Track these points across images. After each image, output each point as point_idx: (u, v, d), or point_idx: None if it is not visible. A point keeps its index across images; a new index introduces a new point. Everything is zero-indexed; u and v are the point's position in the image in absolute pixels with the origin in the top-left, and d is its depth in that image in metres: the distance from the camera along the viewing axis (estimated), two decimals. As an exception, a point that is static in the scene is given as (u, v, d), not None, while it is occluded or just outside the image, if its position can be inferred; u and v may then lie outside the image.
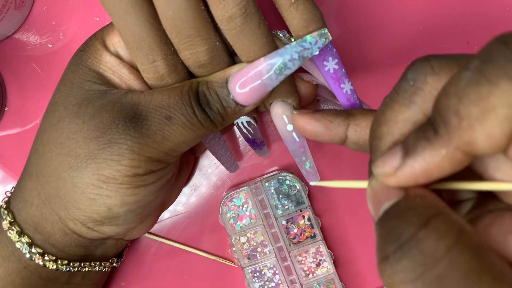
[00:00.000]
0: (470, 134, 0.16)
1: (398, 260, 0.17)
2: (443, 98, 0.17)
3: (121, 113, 0.26)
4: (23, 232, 0.30)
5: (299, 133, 0.29)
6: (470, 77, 0.16)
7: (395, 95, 0.20)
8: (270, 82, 0.26)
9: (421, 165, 0.18)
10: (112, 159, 0.26)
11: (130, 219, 0.29)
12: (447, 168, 0.18)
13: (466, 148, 0.17)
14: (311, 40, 0.26)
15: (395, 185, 0.19)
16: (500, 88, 0.16)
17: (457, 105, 0.17)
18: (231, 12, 0.25)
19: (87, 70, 0.28)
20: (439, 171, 0.18)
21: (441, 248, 0.16)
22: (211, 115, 0.27)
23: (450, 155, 0.17)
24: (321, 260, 0.39)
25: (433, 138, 0.18)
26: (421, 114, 0.20)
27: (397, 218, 0.18)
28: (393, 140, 0.20)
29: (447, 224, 0.16)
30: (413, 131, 0.19)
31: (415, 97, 0.20)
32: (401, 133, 0.20)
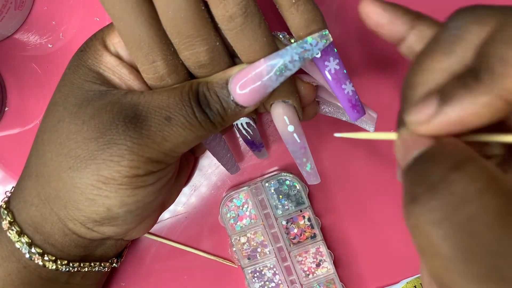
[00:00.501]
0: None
1: (427, 201, 0.16)
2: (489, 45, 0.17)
3: (121, 113, 0.26)
4: (23, 232, 0.30)
5: (300, 134, 0.29)
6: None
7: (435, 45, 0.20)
8: (270, 83, 0.26)
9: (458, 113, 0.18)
10: (111, 159, 0.26)
11: (129, 219, 0.29)
12: (485, 116, 0.17)
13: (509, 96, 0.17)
14: (311, 41, 0.26)
15: (428, 133, 0.19)
16: None
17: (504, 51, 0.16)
18: (231, 11, 0.25)
19: (87, 70, 0.28)
20: (476, 120, 0.17)
21: (472, 190, 0.16)
22: (211, 116, 0.27)
23: (490, 102, 0.17)
24: (321, 260, 0.39)
25: (474, 85, 0.17)
26: (460, 64, 0.19)
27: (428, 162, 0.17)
28: (428, 90, 0.20)
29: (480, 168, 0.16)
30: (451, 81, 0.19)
31: (456, 47, 0.19)
32: (437, 83, 0.20)
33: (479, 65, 0.17)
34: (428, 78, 0.20)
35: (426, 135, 0.19)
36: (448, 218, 0.16)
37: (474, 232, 0.16)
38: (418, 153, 0.18)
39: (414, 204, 0.17)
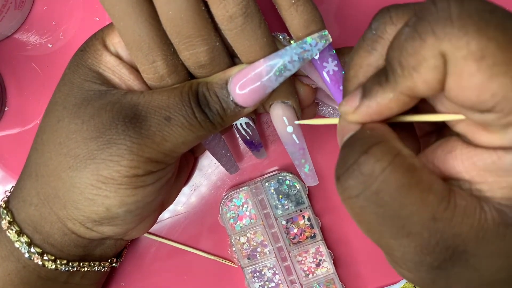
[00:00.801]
0: (411, 81, 0.19)
1: (346, 180, 0.20)
2: (391, 50, 0.20)
3: (121, 113, 0.26)
4: (22, 232, 0.30)
5: (299, 135, 0.29)
6: (408, 33, 0.19)
7: (362, 42, 0.23)
8: (270, 83, 0.26)
9: (374, 106, 0.21)
10: (111, 159, 0.26)
11: (129, 219, 0.29)
12: (394, 108, 0.21)
13: (409, 92, 0.20)
14: (311, 41, 0.26)
15: (354, 121, 0.22)
16: (427, 42, 0.18)
17: (399, 57, 0.20)
18: (231, 11, 0.25)
19: (87, 70, 0.28)
20: (389, 111, 0.21)
21: (377, 169, 0.19)
22: (210, 116, 0.27)
23: (396, 98, 0.21)
24: (321, 260, 0.39)
25: (384, 83, 0.21)
26: (381, 60, 0.22)
27: (348, 147, 0.21)
28: (359, 82, 0.23)
29: (383, 149, 0.20)
30: (371, 76, 0.22)
31: (376, 45, 0.22)
32: (366, 76, 0.23)
33: (387, 65, 0.21)
34: (358, 72, 0.23)
35: (354, 122, 0.22)
36: (362, 193, 0.20)
37: (382, 202, 0.19)
38: (346, 138, 0.22)
39: (337, 183, 0.21)
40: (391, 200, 0.19)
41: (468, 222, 0.19)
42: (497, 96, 0.18)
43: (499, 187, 0.19)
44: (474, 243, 0.19)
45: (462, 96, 0.19)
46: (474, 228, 0.19)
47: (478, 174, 0.20)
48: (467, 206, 0.19)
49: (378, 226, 0.20)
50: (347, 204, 0.21)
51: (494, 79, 0.18)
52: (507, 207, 0.19)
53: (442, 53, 0.18)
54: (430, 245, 0.19)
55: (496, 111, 0.18)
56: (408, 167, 0.19)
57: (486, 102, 0.18)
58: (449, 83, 0.19)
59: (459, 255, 0.19)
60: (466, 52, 0.18)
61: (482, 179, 0.20)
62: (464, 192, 0.20)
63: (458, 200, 0.20)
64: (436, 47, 0.18)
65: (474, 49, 0.18)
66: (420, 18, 0.19)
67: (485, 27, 0.18)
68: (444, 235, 0.19)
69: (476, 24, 0.18)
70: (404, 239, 0.20)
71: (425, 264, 0.20)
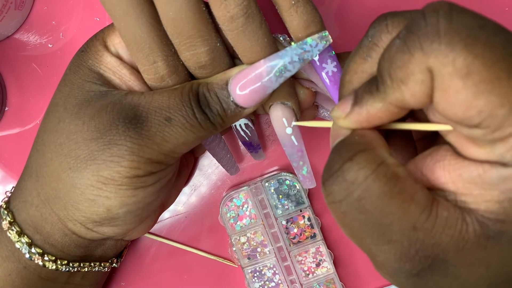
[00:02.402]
0: (399, 93, 0.20)
1: (330, 185, 0.21)
2: (382, 60, 0.20)
3: (121, 114, 0.26)
4: (23, 232, 0.30)
5: (297, 137, 0.29)
6: (398, 45, 0.19)
7: (358, 49, 0.23)
8: (270, 84, 0.26)
9: (364, 113, 0.21)
10: (111, 160, 0.26)
11: (129, 220, 0.29)
12: (384, 118, 0.21)
13: (398, 103, 0.20)
14: (311, 42, 0.26)
15: (345, 126, 0.23)
16: (415, 57, 0.18)
17: (389, 68, 0.20)
18: (232, 12, 0.25)
19: (87, 70, 0.28)
20: (378, 120, 0.21)
21: (360, 177, 0.20)
22: (211, 116, 0.27)
23: (385, 108, 0.21)
24: (321, 260, 0.39)
25: (375, 92, 0.21)
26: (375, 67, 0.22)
27: (334, 153, 0.22)
28: (353, 88, 0.24)
29: (368, 158, 0.20)
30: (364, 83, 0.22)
31: (372, 52, 0.23)
32: (360, 82, 0.23)
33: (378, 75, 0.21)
34: (352, 78, 0.24)
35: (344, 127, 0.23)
36: (344, 199, 0.20)
37: (364, 209, 0.20)
38: (335, 143, 0.23)
39: (322, 187, 0.21)
40: (372, 208, 0.20)
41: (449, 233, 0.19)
42: (483, 113, 0.18)
43: (483, 200, 0.20)
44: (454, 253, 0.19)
45: (449, 111, 0.19)
46: (454, 238, 0.19)
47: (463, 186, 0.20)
48: (449, 217, 0.20)
49: (359, 232, 0.21)
50: (331, 208, 0.21)
51: (480, 96, 0.18)
52: (490, 220, 0.19)
53: (429, 68, 0.18)
54: (409, 253, 0.20)
55: (482, 127, 0.18)
56: (391, 176, 0.20)
57: (472, 118, 0.18)
58: (436, 97, 0.19)
59: (438, 264, 0.20)
60: (452, 69, 0.18)
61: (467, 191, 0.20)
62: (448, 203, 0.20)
63: (440, 210, 0.20)
64: (423, 62, 0.18)
65: (460, 66, 0.18)
66: (409, 32, 0.19)
67: (472, 43, 0.18)
68: (423, 245, 0.19)
69: (464, 40, 0.18)
70: (384, 246, 0.20)
71: (404, 271, 0.20)
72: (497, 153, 0.19)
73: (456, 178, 0.20)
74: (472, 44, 0.18)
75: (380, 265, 0.22)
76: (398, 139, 0.26)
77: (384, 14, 0.23)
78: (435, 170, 0.21)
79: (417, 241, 0.19)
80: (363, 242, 0.21)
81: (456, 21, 0.18)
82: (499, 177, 0.19)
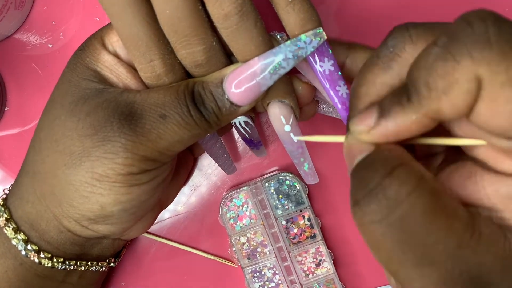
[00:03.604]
0: (438, 103, 0.19)
1: (367, 204, 0.19)
2: (416, 69, 0.19)
3: (116, 111, 0.26)
4: (19, 229, 0.30)
5: (297, 134, 0.29)
6: (438, 53, 0.18)
7: (376, 59, 0.22)
8: (265, 82, 0.26)
9: (393, 127, 0.20)
10: (106, 157, 0.26)
11: (124, 218, 0.29)
12: (414, 130, 0.20)
13: (434, 115, 0.19)
14: (305, 39, 0.26)
15: (368, 141, 0.21)
16: (462, 65, 0.18)
17: (426, 77, 0.19)
18: (227, 10, 0.25)
19: (85, 68, 0.28)
20: (407, 133, 0.20)
21: (403, 193, 0.18)
22: (206, 114, 0.27)
23: (419, 120, 0.20)
24: (321, 260, 0.39)
25: (406, 104, 0.20)
26: (397, 79, 0.22)
27: (367, 169, 0.20)
28: (370, 100, 0.22)
29: (408, 172, 0.19)
30: (389, 95, 0.21)
31: (393, 63, 0.22)
32: (378, 95, 0.22)
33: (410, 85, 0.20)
34: (370, 90, 0.23)
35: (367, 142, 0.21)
36: (385, 218, 0.19)
37: (407, 228, 0.18)
38: (359, 159, 0.21)
39: (357, 207, 0.20)
40: (416, 227, 0.18)
41: (493, 251, 0.18)
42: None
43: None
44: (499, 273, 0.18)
45: (493, 122, 0.18)
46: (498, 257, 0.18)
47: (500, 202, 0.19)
48: (491, 234, 0.19)
49: (400, 254, 0.19)
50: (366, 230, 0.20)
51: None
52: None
53: (477, 77, 0.18)
54: (454, 275, 0.18)
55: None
56: (433, 192, 0.19)
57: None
58: (480, 108, 0.18)
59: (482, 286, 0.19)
60: (505, 78, 0.17)
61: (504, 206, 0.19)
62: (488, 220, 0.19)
63: (482, 227, 0.19)
64: (472, 70, 0.17)
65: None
66: (453, 39, 0.18)
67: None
68: (468, 265, 0.18)
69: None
70: (426, 269, 0.19)
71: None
72: None
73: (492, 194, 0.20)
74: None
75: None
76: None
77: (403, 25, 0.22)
78: (467, 187, 0.20)
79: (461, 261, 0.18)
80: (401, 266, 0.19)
81: (506, 29, 0.17)
82: None
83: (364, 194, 0.19)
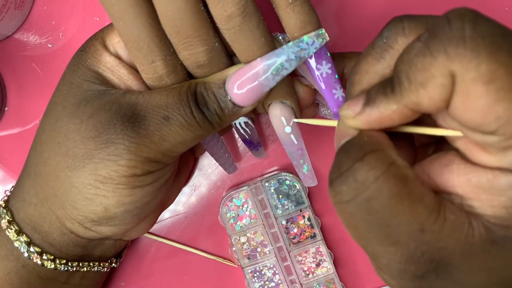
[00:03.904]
0: (417, 96, 0.20)
1: (339, 185, 0.21)
2: (400, 63, 0.20)
3: (119, 113, 0.26)
4: (22, 231, 0.30)
5: (297, 136, 0.29)
6: (419, 48, 0.19)
7: (371, 49, 0.23)
8: (267, 82, 0.26)
9: (376, 114, 0.21)
10: (109, 159, 0.26)
11: (127, 219, 0.29)
12: (396, 120, 0.21)
13: (413, 107, 0.20)
14: (308, 40, 0.26)
15: (354, 126, 0.23)
16: (438, 61, 0.18)
17: (408, 71, 0.20)
18: (230, 11, 0.25)
19: (86, 70, 0.28)
20: (389, 121, 0.21)
21: (371, 177, 0.20)
22: (208, 115, 0.27)
23: (399, 110, 0.21)
24: (321, 260, 0.39)
25: (390, 94, 0.21)
26: (388, 69, 0.23)
27: (344, 152, 0.22)
28: (362, 88, 0.24)
29: (378, 158, 0.20)
30: (377, 84, 0.22)
31: (386, 54, 0.23)
32: (370, 83, 0.23)
33: (394, 77, 0.21)
34: (363, 78, 0.24)
35: (353, 127, 0.23)
36: (353, 199, 0.20)
37: (373, 210, 0.20)
38: (343, 142, 0.23)
39: (330, 187, 0.21)
40: (381, 209, 0.20)
41: (455, 236, 0.20)
42: (501, 119, 0.18)
43: (490, 205, 0.20)
44: (459, 257, 0.20)
45: (466, 117, 0.19)
46: (460, 242, 0.19)
47: (471, 191, 0.20)
48: (455, 221, 0.20)
49: (366, 232, 0.21)
50: (337, 208, 0.21)
51: (500, 103, 0.18)
52: (495, 225, 0.20)
53: (451, 72, 0.18)
54: (415, 256, 0.20)
55: (498, 134, 0.18)
56: (401, 177, 0.20)
57: (489, 125, 0.18)
58: (454, 102, 0.19)
59: (443, 268, 0.20)
60: (475, 74, 0.18)
61: (475, 195, 0.20)
62: (455, 207, 0.20)
63: (447, 214, 0.20)
64: (447, 66, 0.18)
65: (484, 72, 0.18)
66: (433, 35, 0.19)
67: (496, 51, 0.18)
68: (430, 247, 0.20)
69: (488, 47, 0.18)
70: (390, 247, 0.20)
71: (409, 273, 0.20)
72: (508, 160, 0.19)
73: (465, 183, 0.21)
74: (496, 51, 0.18)
75: (383, 267, 0.22)
76: (400, 145, 0.26)
77: (399, 17, 0.23)
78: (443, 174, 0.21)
79: (423, 243, 0.20)
80: (368, 243, 0.21)
81: (481, 28, 0.18)
82: (509, 183, 0.19)
83: (337, 175, 0.21)
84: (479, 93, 0.18)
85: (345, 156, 0.21)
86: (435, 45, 0.19)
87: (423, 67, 0.19)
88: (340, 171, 0.21)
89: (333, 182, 0.21)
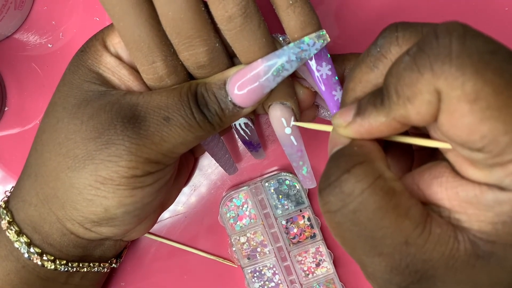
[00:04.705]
0: (405, 110, 0.20)
1: (326, 195, 0.21)
2: (389, 75, 0.20)
3: (120, 114, 0.26)
4: (22, 232, 0.30)
5: (297, 137, 0.29)
6: (407, 63, 0.19)
7: (365, 57, 0.23)
8: (268, 83, 0.26)
9: (366, 125, 0.22)
10: (109, 160, 0.26)
11: (127, 220, 0.29)
12: (385, 131, 0.21)
13: (401, 120, 0.20)
14: (308, 41, 0.26)
15: (345, 135, 0.23)
16: (425, 77, 0.18)
17: (396, 84, 0.20)
18: (231, 12, 0.25)
19: (86, 70, 0.28)
20: (379, 133, 0.22)
21: (357, 189, 0.20)
22: (209, 116, 0.27)
23: (388, 122, 0.21)
24: (321, 260, 0.39)
25: (379, 106, 0.21)
26: (381, 79, 0.23)
27: (333, 161, 0.22)
28: (356, 96, 0.24)
29: (366, 171, 0.20)
30: (368, 94, 0.22)
31: (379, 63, 0.23)
32: (363, 91, 0.23)
33: (384, 89, 0.21)
34: (356, 86, 0.24)
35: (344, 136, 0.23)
36: (340, 210, 0.20)
37: (358, 221, 0.20)
38: (334, 151, 0.23)
39: (319, 196, 0.22)
40: (366, 221, 0.20)
41: (440, 250, 0.20)
42: (486, 138, 0.18)
43: (477, 220, 0.20)
44: (443, 270, 0.20)
45: (452, 133, 0.19)
46: (445, 256, 0.20)
47: (459, 204, 0.20)
48: (441, 234, 0.20)
49: (352, 242, 0.21)
50: (325, 217, 0.22)
51: (485, 122, 0.18)
52: (481, 240, 0.20)
53: (437, 89, 0.18)
54: (400, 267, 0.20)
55: (484, 152, 0.18)
56: (387, 191, 0.20)
57: (475, 143, 0.18)
58: (441, 119, 0.19)
59: (427, 279, 0.20)
60: (460, 93, 0.18)
61: (462, 209, 0.20)
62: (442, 220, 0.20)
63: (433, 227, 0.20)
64: (432, 83, 0.18)
65: (468, 90, 0.18)
66: (420, 50, 0.19)
67: (483, 69, 0.18)
68: (414, 260, 0.20)
69: (475, 65, 0.18)
70: (375, 258, 0.21)
71: (394, 283, 0.21)
72: (495, 177, 0.19)
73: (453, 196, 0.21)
74: (483, 69, 0.18)
75: (370, 275, 0.22)
76: (397, 149, 0.26)
77: (394, 24, 0.22)
78: (432, 186, 0.21)
79: (408, 255, 0.20)
80: (354, 252, 0.21)
81: (469, 45, 0.18)
82: (495, 199, 0.19)
83: (325, 185, 0.21)
84: (464, 111, 0.18)
85: (334, 166, 0.21)
86: (421, 61, 0.19)
87: (411, 82, 0.19)
88: (329, 181, 0.21)
89: (321, 191, 0.21)
